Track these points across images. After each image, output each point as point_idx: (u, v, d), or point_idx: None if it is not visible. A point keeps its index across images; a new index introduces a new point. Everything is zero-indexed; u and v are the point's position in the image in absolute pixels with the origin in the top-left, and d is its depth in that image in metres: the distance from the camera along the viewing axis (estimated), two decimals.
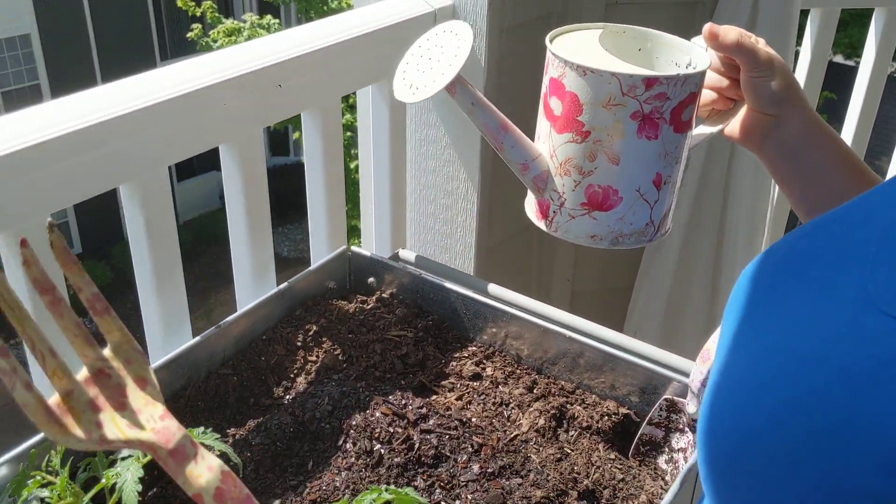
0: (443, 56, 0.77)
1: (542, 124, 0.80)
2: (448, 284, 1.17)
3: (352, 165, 5.59)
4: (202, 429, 0.78)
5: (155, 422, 0.50)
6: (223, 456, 0.88)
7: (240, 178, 1.09)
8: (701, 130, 0.84)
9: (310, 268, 1.21)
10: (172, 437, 0.50)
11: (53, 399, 0.47)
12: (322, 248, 1.27)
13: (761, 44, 0.79)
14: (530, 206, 0.84)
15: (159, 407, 0.51)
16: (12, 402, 0.44)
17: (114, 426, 0.48)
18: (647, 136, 0.75)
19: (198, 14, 8.64)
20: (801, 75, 1.89)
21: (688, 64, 0.81)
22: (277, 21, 8.96)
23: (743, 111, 0.83)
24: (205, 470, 0.50)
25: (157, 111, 0.95)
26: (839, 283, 0.48)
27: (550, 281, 1.68)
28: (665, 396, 1.00)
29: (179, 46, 11.39)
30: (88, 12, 11.12)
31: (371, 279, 1.24)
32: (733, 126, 0.84)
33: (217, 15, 8.46)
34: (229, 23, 8.35)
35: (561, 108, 0.76)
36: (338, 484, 0.93)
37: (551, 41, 0.79)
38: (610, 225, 0.79)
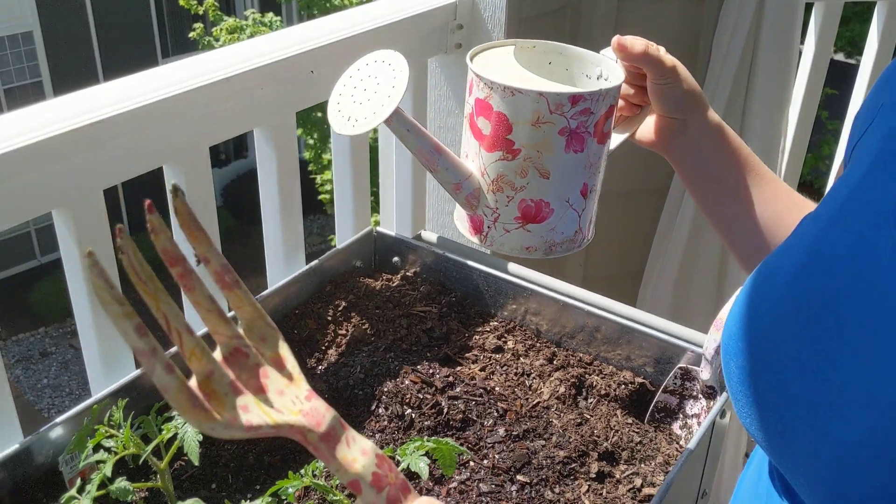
0: (379, 87, 0.78)
1: (470, 143, 0.82)
2: (470, 262, 1.23)
3: None
4: None
5: (301, 403, 0.45)
6: None
7: (273, 160, 1.14)
8: (613, 138, 0.87)
9: (337, 247, 1.27)
10: (322, 419, 0.45)
11: (192, 382, 0.42)
12: (347, 230, 1.33)
13: (662, 52, 0.84)
14: (461, 222, 0.87)
15: (303, 387, 0.46)
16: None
17: (259, 410, 0.43)
18: (574, 150, 0.78)
19: (199, 12, 8.69)
20: (804, 69, 1.94)
21: (598, 75, 0.84)
22: (279, 18, 9.01)
23: (650, 117, 0.88)
24: (359, 454, 0.46)
25: (200, 94, 1.00)
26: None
27: (563, 265, 1.74)
28: (679, 365, 1.06)
29: (181, 44, 11.44)
30: (90, 10, 11.16)
31: (395, 258, 1.30)
32: (642, 132, 0.89)
33: (219, 13, 8.51)
34: (231, 20, 8.40)
35: (490, 128, 0.78)
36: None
37: (471, 60, 0.81)
38: (543, 236, 0.83)
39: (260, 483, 0.94)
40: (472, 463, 0.97)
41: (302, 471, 0.77)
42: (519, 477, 0.95)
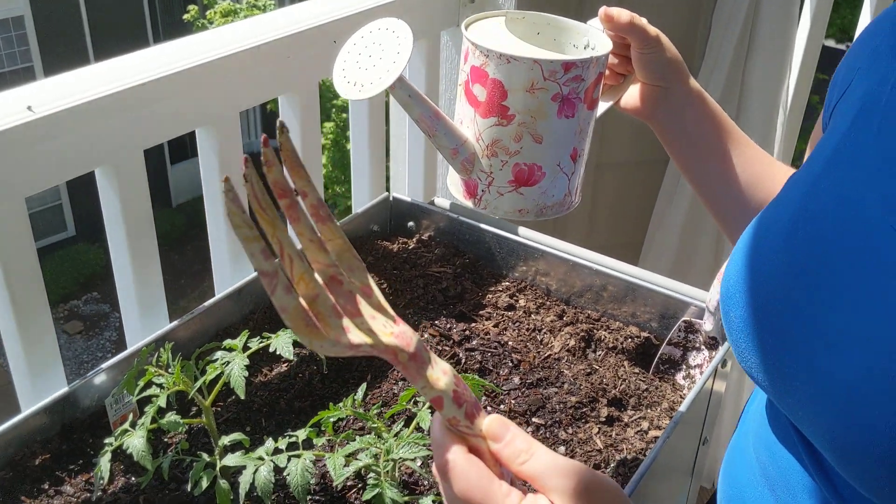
0: (384, 54, 0.80)
1: (465, 110, 0.85)
2: (483, 225, 1.29)
3: None
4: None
5: (392, 326, 0.49)
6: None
7: (298, 126, 1.20)
8: (599, 105, 0.91)
9: (355, 212, 1.33)
10: (411, 341, 0.49)
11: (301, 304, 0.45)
12: (364, 195, 1.39)
13: (646, 22, 0.88)
14: (455, 186, 0.90)
15: (390, 312, 0.49)
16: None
17: (357, 331, 0.47)
18: (566, 115, 0.82)
19: None
20: (797, 55, 2.00)
21: (586, 45, 0.88)
22: (272, 3, 9.01)
23: (634, 85, 0.92)
24: (441, 374, 0.50)
25: (231, 61, 1.05)
26: (893, 262, 0.53)
27: (565, 233, 1.80)
28: (683, 318, 1.12)
29: (172, 28, 11.42)
30: None
31: (410, 223, 1.36)
32: (626, 100, 0.93)
33: None
34: (226, 3, 8.41)
35: (485, 95, 0.81)
36: (396, 391, 1.05)
37: (465, 29, 0.85)
38: (535, 199, 0.86)
39: (291, 426, 1.00)
40: (489, 408, 1.03)
41: (340, 404, 0.83)
42: (534, 419, 1.01)
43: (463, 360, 1.09)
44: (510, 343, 1.14)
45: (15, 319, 0.93)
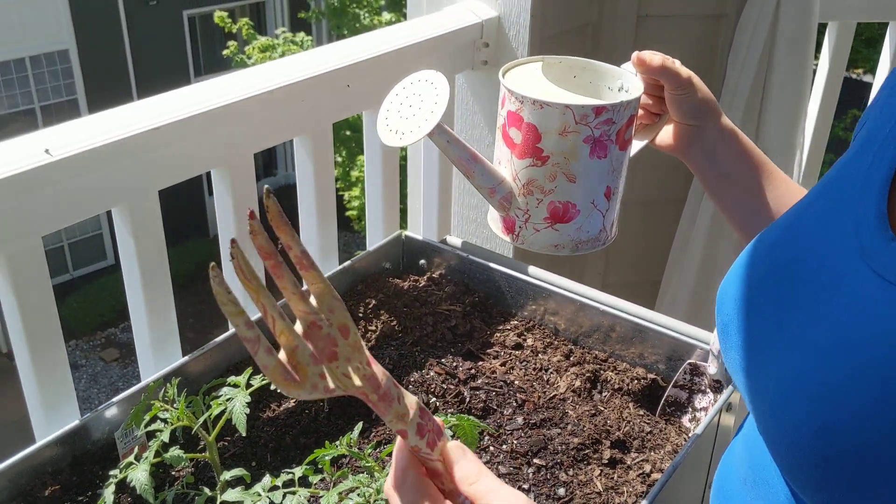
0: (423, 104, 0.85)
1: (502, 151, 0.90)
2: (493, 265, 1.31)
3: None
4: None
5: (365, 368, 0.53)
6: None
7: (311, 166, 1.23)
8: (634, 144, 0.95)
9: (368, 249, 1.35)
10: (381, 382, 0.53)
11: (281, 356, 0.51)
12: (377, 233, 1.41)
13: (678, 64, 0.91)
14: (495, 223, 0.95)
15: (364, 354, 0.53)
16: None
17: (333, 377, 0.51)
18: (598, 156, 0.86)
19: (233, 31, 8.89)
20: (818, 87, 2.01)
21: (620, 87, 0.92)
22: (310, 38, 9.19)
23: (668, 125, 0.95)
24: (407, 409, 0.54)
25: (246, 105, 1.09)
26: (847, 277, 0.56)
27: (582, 273, 1.81)
28: (689, 361, 1.12)
29: (213, 63, 11.69)
30: (126, 28, 11.43)
31: (422, 261, 1.38)
32: (661, 138, 0.97)
33: (252, 31, 8.71)
34: (264, 39, 8.59)
35: (520, 137, 0.86)
36: None
37: (503, 76, 0.89)
38: (570, 234, 0.90)
39: (296, 462, 1.02)
40: (491, 448, 1.04)
41: (336, 442, 0.85)
42: (535, 460, 1.02)
43: (468, 399, 1.10)
44: (516, 382, 1.15)
45: (30, 353, 0.97)
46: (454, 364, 1.16)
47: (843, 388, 0.52)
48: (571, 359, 1.21)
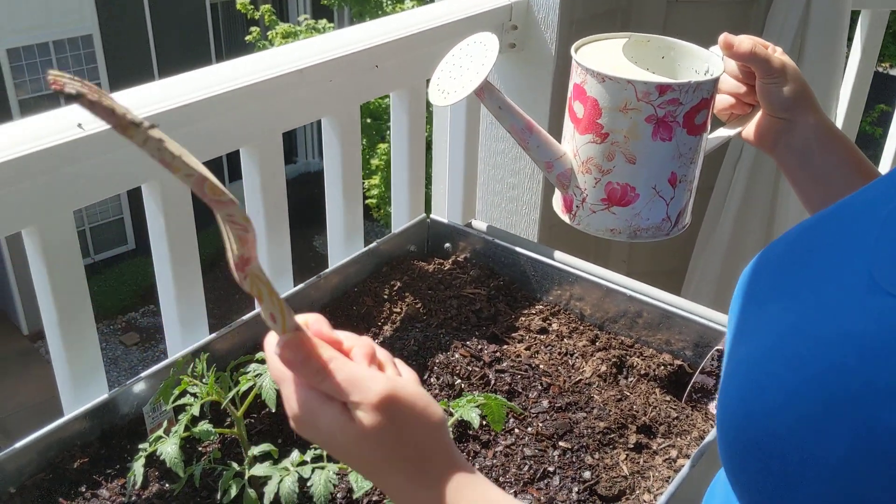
0: (472, 64, 0.84)
1: (567, 126, 0.87)
2: (518, 249, 1.30)
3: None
4: None
5: (231, 261, 0.52)
6: None
7: (338, 147, 1.23)
8: (719, 133, 0.91)
9: (393, 231, 1.35)
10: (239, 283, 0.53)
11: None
12: (402, 216, 1.41)
13: (778, 52, 0.86)
14: (557, 201, 0.92)
15: (236, 255, 0.52)
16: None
17: (224, 235, 0.52)
18: (661, 138, 0.82)
19: (255, 17, 8.90)
20: (849, 76, 1.98)
21: (706, 71, 0.87)
22: (332, 25, 9.18)
23: (758, 115, 0.89)
24: (267, 318, 0.54)
25: (275, 83, 1.09)
26: (845, 270, 0.52)
27: (607, 261, 1.80)
28: (717, 347, 1.12)
29: (235, 49, 11.70)
30: (148, 14, 11.46)
31: (447, 244, 1.38)
32: (749, 129, 0.91)
33: (274, 18, 8.71)
34: (286, 26, 8.59)
35: (583, 112, 0.83)
36: None
37: (576, 50, 0.86)
38: (628, 219, 0.87)
39: None
40: (517, 430, 1.03)
41: None
42: (561, 443, 1.01)
43: (493, 382, 1.09)
44: (541, 366, 1.15)
45: (60, 328, 0.97)
46: (479, 347, 1.16)
47: (774, 377, 0.50)
48: (597, 344, 1.21)
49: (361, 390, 0.55)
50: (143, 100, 0.97)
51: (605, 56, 0.86)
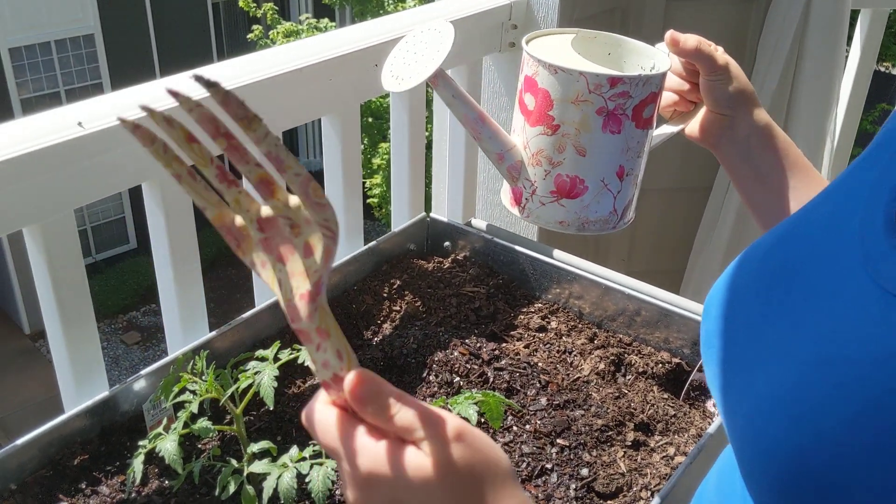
0: (427, 51, 0.84)
1: (517, 118, 0.88)
2: (517, 247, 1.31)
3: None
4: None
5: (293, 295, 0.48)
6: None
7: (339, 146, 1.23)
8: (664, 130, 0.92)
9: (393, 230, 1.35)
10: (298, 320, 0.48)
11: (238, 220, 0.49)
12: (403, 215, 1.41)
13: (719, 51, 0.87)
14: (505, 194, 0.92)
15: (305, 285, 0.47)
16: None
17: (270, 275, 0.48)
18: (611, 131, 0.83)
19: (258, 15, 8.91)
20: (849, 74, 1.98)
21: (651, 67, 0.89)
22: (334, 24, 9.19)
23: (702, 112, 0.91)
24: (321, 365, 0.49)
25: (273, 83, 1.09)
26: (846, 287, 0.50)
27: (606, 260, 1.80)
28: None
29: (236, 48, 11.71)
30: (150, 14, 11.48)
31: (447, 243, 1.38)
32: (692, 126, 0.92)
33: (276, 16, 8.72)
34: (288, 24, 8.59)
35: (534, 104, 0.84)
36: None
37: (527, 43, 0.87)
38: (577, 212, 0.87)
39: None
40: (515, 427, 1.04)
41: None
42: (559, 440, 1.02)
43: (491, 379, 1.10)
44: (539, 364, 1.15)
45: (61, 325, 0.98)
46: (478, 345, 1.16)
47: (823, 408, 0.47)
48: (595, 342, 1.21)
49: (435, 423, 0.49)
50: (138, 99, 0.98)
51: (554, 50, 0.87)
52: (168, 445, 0.84)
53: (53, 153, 0.88)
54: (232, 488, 0.85)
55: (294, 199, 0.47)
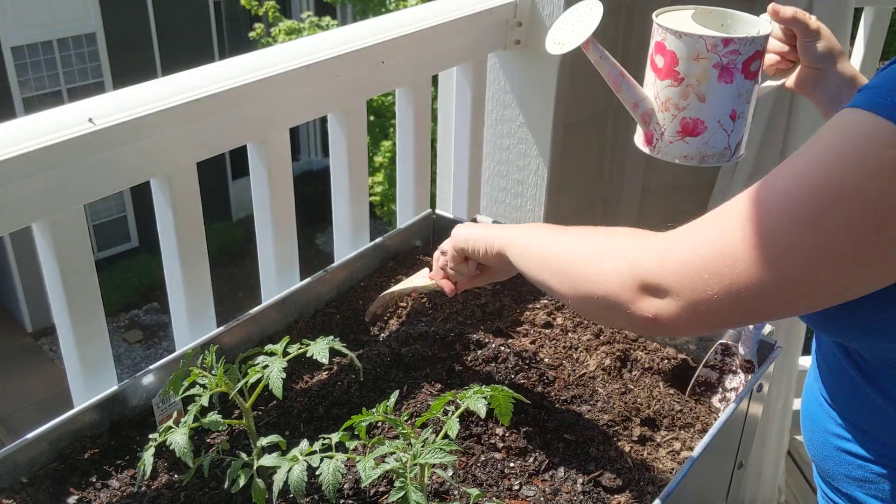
0: (581, 23, 1.04)
1: (649, 75, 1.07)
2: None
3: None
4: (331, 337, 0.92)
5: None
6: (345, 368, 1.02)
7: (345, 142, 1.24)
8: (769, 83, 1.12)
9: (399, 227, 1.36)
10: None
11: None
12: (408, 211, 1.42)
13: (812, 19, 1.05)
14: (638, 137, 1.11)
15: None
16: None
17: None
18: (725, 81, 1.01)
19: (259, 13, 8.91)
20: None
21: (757, 32, 1.06)
22: (336, 22, 9.19)
23: (798, 69, 1.10)
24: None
25: (282, 79, 1.10)
26: None
27: None
28: (720, 341, 1.12)
29: (238, 46, 11.72)
30: (152, 12, 11.48)
31: None
32: (792, 80, 1.12)
33: (278, 14, 8.72)
34: (289, 22, 8.59)
35: (663, 62, 1.03)
36: (429, 402, 1.07)
37: (656, 17, 1.07)
38: (698, 147, 1.06)
39: (328, 432, 1.03)
40: (522, 422, 1.04)
41: (373, 409, 0.86)
42: (566, 435, 1.02)
43: (497, 375, 1.10)
44: (545, 360, 1.16)
45: (70, 320, 0.98)
46: (484, 340, 1.17)
47: None
48: (601, 338, 1.22)
49: None
50: (152, 96, 0.98)
51: (678, 21, 1.07)
52: (178, 439, 0.84)
53: (63, 149, 0.89)
54: (242, 482, 0.85)
55: None
